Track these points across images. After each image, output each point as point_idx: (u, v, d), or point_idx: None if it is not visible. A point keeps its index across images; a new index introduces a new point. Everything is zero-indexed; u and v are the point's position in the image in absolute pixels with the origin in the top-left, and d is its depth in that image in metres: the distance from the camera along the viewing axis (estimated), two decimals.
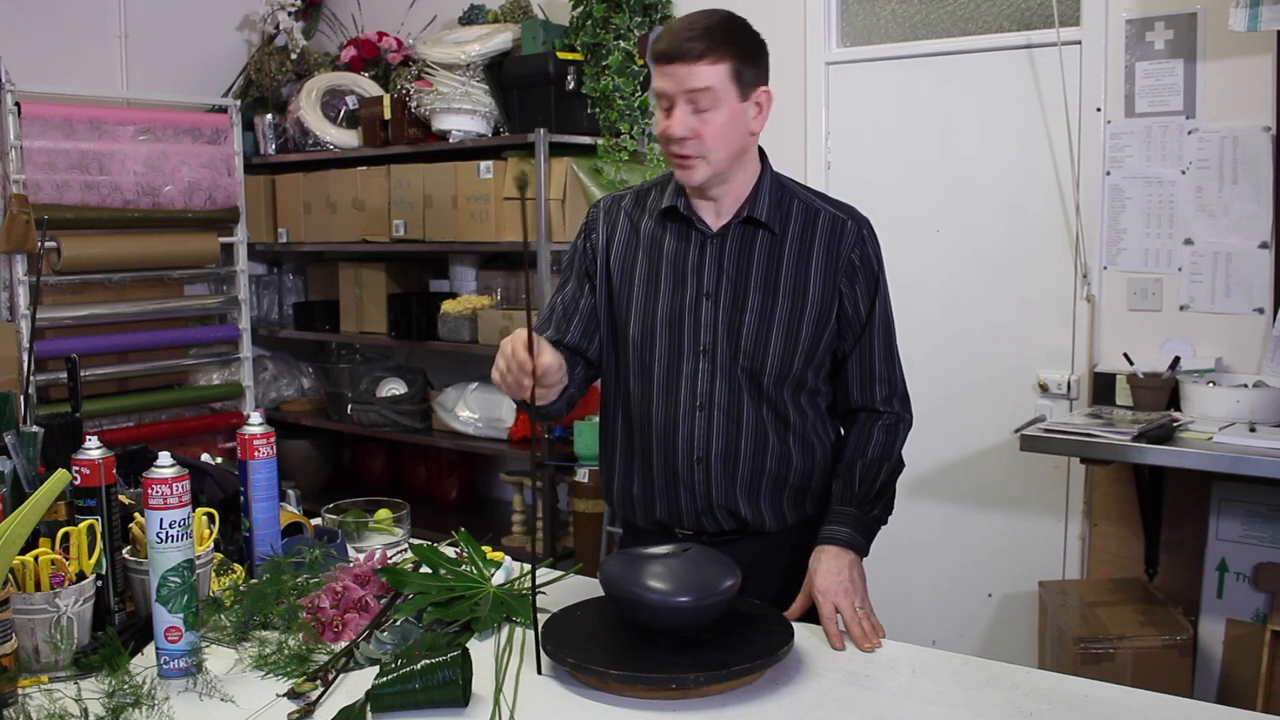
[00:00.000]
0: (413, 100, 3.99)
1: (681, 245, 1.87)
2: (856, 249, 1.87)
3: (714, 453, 1.86)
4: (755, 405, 1.86)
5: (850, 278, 1.86)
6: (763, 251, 1.85)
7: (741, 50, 1.77)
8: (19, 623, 1.51)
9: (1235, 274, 2.99)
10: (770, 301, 1.83)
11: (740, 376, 1.85)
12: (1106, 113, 3.13)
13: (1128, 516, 3.12)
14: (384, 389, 4.30)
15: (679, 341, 1.86)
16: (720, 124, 1.77)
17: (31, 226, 3.63)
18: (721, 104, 1.76)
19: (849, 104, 3.57)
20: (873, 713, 1.44)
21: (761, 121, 1.83)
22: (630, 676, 1.47)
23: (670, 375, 1.87)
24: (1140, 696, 1.47)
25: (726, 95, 1.76)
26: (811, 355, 1.86)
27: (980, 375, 3.41)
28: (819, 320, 1.85)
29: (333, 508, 2.18)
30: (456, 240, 3.92)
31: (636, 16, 3.69)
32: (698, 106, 1.76)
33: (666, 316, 1.86)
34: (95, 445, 1.69)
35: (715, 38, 1.74)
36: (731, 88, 1.76)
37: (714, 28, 1.75)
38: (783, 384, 1.86)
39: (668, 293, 1.86)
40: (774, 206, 1.86)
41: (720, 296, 1.84)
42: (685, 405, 1.86)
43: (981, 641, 3.45)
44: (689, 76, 1.74)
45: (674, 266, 1.87)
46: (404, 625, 1.67)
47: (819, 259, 1.85)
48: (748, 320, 1.83)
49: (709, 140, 1.77)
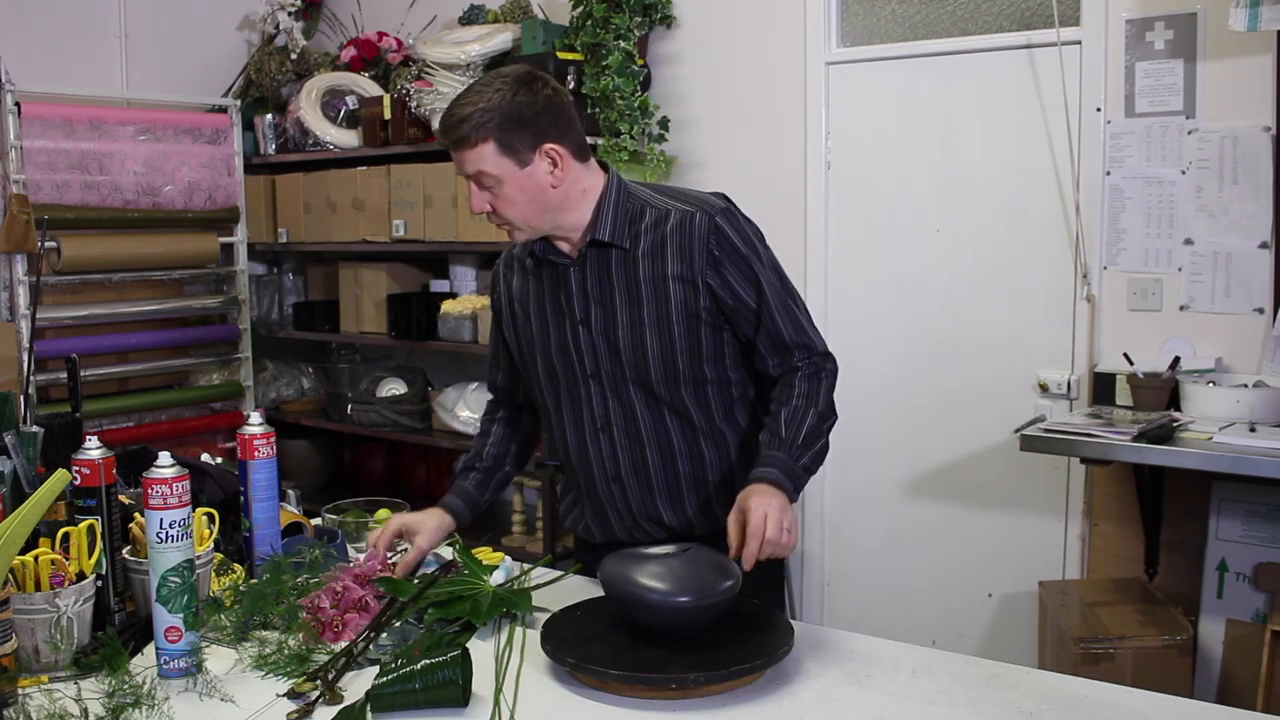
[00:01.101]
0: (413, 100, 3.99)
1: (551, 280, 1.93)
2: (711, 239, 1.85)
3: (624, 470, 1.94)
4: (654, 414, 1.91)
5: (716, 268, 1.85)
6: (619, 268, 1.88)
7: (499, 127, 1.75)
8: (19, 623, 1.51)
9: (1235, 274, 2.99)
10: (637, 312, 1.87)
11: (633, 390, 1.90)
12: (1106, 113, 3.13)
13: (1128, 516, 3.12)
14: (384, 389, 4.30)
15: (571, 370, 1.93)
16: (510, 195, 1.80)
17: (31, 226, 3.63)
18: (503, 180, 1.78)
19: (849, 104, 3.57)
20: (873, 713, 1.44)
21: (562, 174, 1.81)
22: (630, 676, 1.47)
23: (572, 403, 1.95)
24: (1140, 696, 1.47)
25: (503, 170, 1.77)
26: (696, 351, 1.88)
27: (980, 375, 3.41)
28: (687, 317, 1.86)
29: (333, 508, 2.18)
30: (456, 240, 3.92)
31: (636, 16, 3.69)
32: (482, 185, 1.80)
33: (557, 348, 1.94)
34: (95, 445, 1.69)
35: (467, 124, 1.75)
36: (504, 162, 1.77)
37: (465, 118, 1.75)
38: (675, 385, 1.89)
39: (554, 326, 1.93)
40: (621, 223, 1.87)
41: (592, 321, 1.89)
42: (589, 429, 1.94)
43: (981, 641, 3.45)
44: (462, 162, 1.79)
45: (553, 300, 1.93)
46: (404, 625, 1.67)
47: (673, 259, 1.85)
48: (621, 335, 1.88)
49: (506, 212, 1.81)
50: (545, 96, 1.79)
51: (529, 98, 1.77)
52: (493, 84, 1.78)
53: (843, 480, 3.69)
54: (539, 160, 1.79)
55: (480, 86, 1.79)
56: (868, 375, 3.57)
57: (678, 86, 3.85)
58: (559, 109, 1.81)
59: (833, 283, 3.63)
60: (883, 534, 3.64)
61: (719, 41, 3.77)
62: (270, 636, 1.65)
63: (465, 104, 1.77)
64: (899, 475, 3.59)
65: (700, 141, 3.82)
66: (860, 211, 3.57)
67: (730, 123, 3.76)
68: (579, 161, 1.84)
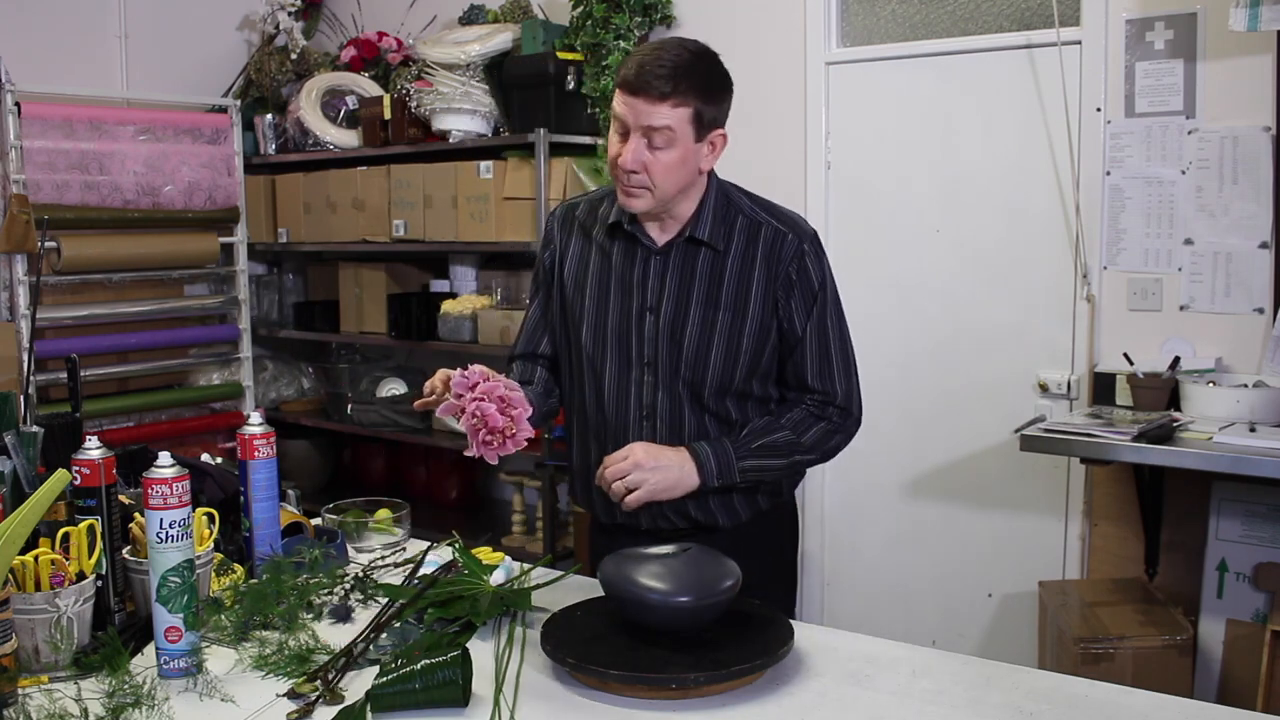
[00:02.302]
0: (413, 100, 3.99)
1: (627, 259, 1.92)
2: (795, 262, 1.87)
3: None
4: (697, 414, 1.92)
5: (786, 290, 1.88)
6: (704, 268, 1.88)
7: (706, 94, 1.79)
8: (19, 623, 1.51)
9: (1235, 274, 2.99)
10: (711, 316, 1.87)
11: (682, 390, 1.91)
12: (1106, 113, 3.13)
13: (1128, 516, 3.12)
14: (384, 389, 4.31)
15: (626, 352, 1.92)
16: (671, 162, 1.80)
17: (31, 226, 3.63)
18: (676, 144, 1.78)
19: (849, 104, 3.57)
20: (873, 713, 1.44)
21: (712, 161, 1.86)
22: (630, 676, 1.47)
23: (618, 384, 1.94)
24: (1140, 696, 1.47)
25: (683, 136, 1.78)
26: (754, 368, 1.90)
27: (980, 375, 3.41)
28: (759, 334, 1.88)
29: (333, 508, 2.18)
30: (456, 240, 3.92)
31: (636, 16, 3.69)
32: (652, 143, 1.79)
33: (615, 327, 1.92)
34: (95, 445, 1.69)
35: (682, 79, 1.75)
36: (689, 130, 1.79)
37: (682, 68, 1.76)
38: (724, 396, 1.91)
39: (615, 304, 1.92)
40: (717, 224, 1.89)
41: (662, 311, 1.89)
42: (633, 414, 1.93)
43: (981, 641, 3.45)
44: (650, 113, 1.77)
45: (620, 279, 1.92)
46: (404, 625, 1.67)
47: (759, 273, 1.87)
48: (689, 335, 1.88)
49: (657, 176, 1.80)
50: (731, 86, 1.85)
51: (726, 83, 1.84)
52: (701, 53, 1.81)
53: (843, 480, 3.69)
54: (707, 141, 1.83)
55: (683, 46, 1.80)
56: (868, 375, 3.51)
57: None
58: (732, 101, 1.86)
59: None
60: (883, 534, 3.64)
61: (719, 41, 3.69)
62: (270, 636, 1.65)
63: (675, 56, 1.76)
64: (899, 475, 3.59)
65: None
66: (860, 211, 3.57)
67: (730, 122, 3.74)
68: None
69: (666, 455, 1.85)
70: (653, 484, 1.83)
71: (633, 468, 1.83)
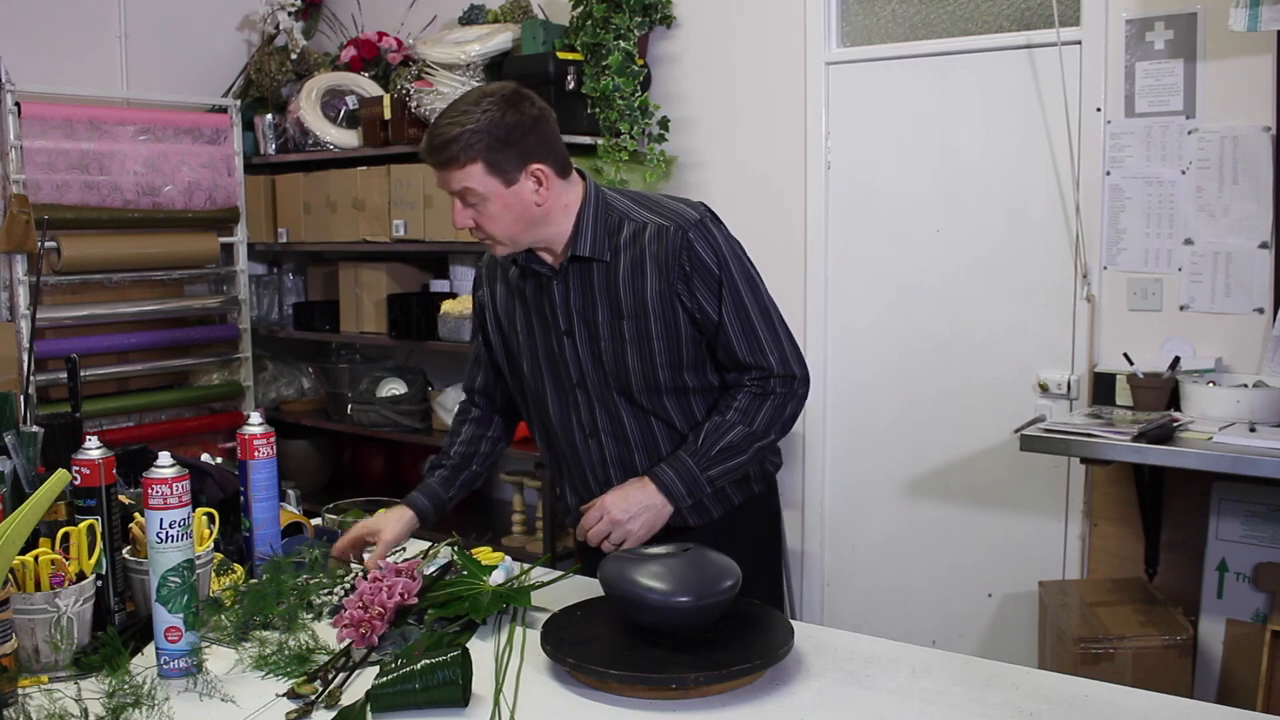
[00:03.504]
0: (413, 100, 3.99)
1: (537, 291, 1.95)
2: (683, 253, 1.86)
3: (614, 474, 1.97)
4: (640, 421, 1.94)
5: (686, 283, 1.87)
6: (600, 281, 1.90)
7: (491, 145, 1.76)
8: (19, 623, 1.51)
9: (1235, 274, 2.99)
10: (618, 324, 1.89)
11: (617, 398, 1.93)
12: (1106, 113, 3.13)
13: (1128, 516, 3.12)
14: (384, 389, 4.30)
15: (559, 379, 1.97)
16: (494, 213, 1.81)
17: (31, 226, 3.63)
18: (489, 198, 1.79)
19: (849, 104, 3.57)
20: (873, 713, 1.44)
21: (546, 193, 1.83)
22: (630, 676, 1.47)
23: (560, 410, 1.99)
24: (1140, 696, 1.47)
25: (489, 189, 1.78)
26: (677, 364, 1.91)
27: (980, 375, 3.41)
28: (668, 333, 1.89)
29: (333, 508, 2.19)
30: (456, 240, 3.91)
31: (636, 16, 3.69)
32: (466, 201, 1.80)
33: (544, 357, 1.97)
34: (95, 445, 1.69)
35: (456, 141, 1.75)
36: (491, 181, 1.78)
37: (453, 138, 1.75)
38: (658, 395, 1.93)
39: (540, 336, 1.96)
40: (601, 237, 1.89)
41: (576, 333, 1.92)
42: (578, 434, 1.98)
43: (981, 641, 3.45)
44: (446, 179, 1.79)
45: (538, 311, 1.96)
46: (404, 625, 1.67)
47: (651, 274, 1.88)
48: (604, 349, 1.91)
49: (490, 228, 1.82)
50: (533, 116, 1.80)
51: (517, 118, 1.78)
52: (480, 103, 1.77)
53: (843, 480, 3.69)
54: (525, 179, 1.80)
55: (467, 105, 1.78)
56: (868, 375, 3.58)
57: (677, 86, 3.85)
58: (545, 128, 1.82)
59: (833, 283, 3.63)
60: (883, 534, 3.64)
61: (719, 41, 3.77)
62: (270, 636, 1.66)
63: (452, 123, 1.75)
64: (899, 475, 3.59)
65: (700, 141, 3.82)
66: (860, 211, 3.57)
67: (730, 123, 3.76)
68: (561, 178, 1.86)
69: (634, 497, 1.87)
70: (638, 534, 1.87)
71: (611, 526, 1.86)
